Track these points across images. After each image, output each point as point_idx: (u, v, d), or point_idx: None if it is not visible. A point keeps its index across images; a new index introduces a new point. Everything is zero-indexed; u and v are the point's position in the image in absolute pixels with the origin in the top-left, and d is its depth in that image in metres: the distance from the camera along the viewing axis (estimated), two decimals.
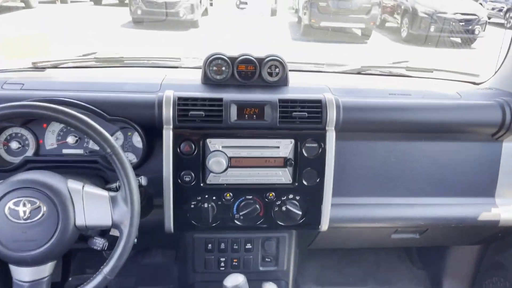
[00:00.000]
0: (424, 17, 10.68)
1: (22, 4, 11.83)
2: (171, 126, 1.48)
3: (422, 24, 10.74)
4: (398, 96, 1.70)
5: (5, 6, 11.19)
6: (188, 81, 1.70)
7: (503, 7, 14.34)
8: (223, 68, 1.67)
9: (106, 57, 1.89)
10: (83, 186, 1.19)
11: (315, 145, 1.54)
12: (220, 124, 1.50)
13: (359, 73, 2.02)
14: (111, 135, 1.49)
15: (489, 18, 11.28)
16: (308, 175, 1.56)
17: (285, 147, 1.54)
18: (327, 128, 1.54)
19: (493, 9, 14.08)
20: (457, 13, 10.63)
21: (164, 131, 1.48)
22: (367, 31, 11.00)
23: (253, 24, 11.26)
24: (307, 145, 1.54)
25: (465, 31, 10.74)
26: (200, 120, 1.49)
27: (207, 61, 1.68)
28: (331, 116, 1.53)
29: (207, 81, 1.68)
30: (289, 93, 1.65)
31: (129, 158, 1.55)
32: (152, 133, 1.53)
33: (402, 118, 1.60)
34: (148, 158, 1.56)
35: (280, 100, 1.53)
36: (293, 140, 1.54)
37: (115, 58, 1.92)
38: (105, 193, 1.21)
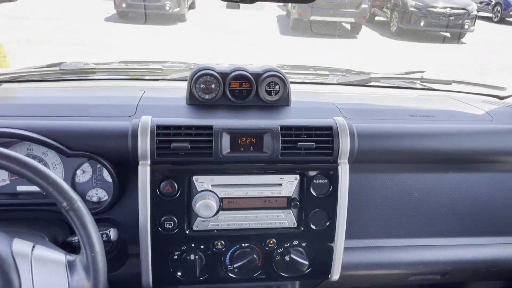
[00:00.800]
0: (414, 12, 10.67)
1: None
2: (148, 162, 1.25)
3: (412, 19, 10.73)
4: (420, 119, 1.48)
5: None
6: (171, 101, 1.47)
7: (491, 1, 14.41)
8: (213, 86, 1.43)
9: (74, 68, 1.63)
10: (33, 248, 0.94)
11: (325, 181, 1.32)
12: (210, 158, 1.27)
13: (367, 84, 1.80)
14: (76, 168, 1.28)
15: (477, 12, 11.27)
16: (316, 218, 1.34)
17: (288, 185, 1.32)
18: (339, 160, 1.32)
19: (480, 2, 14.12)
20: (447, 7, 10.63)
21: (139, 168, 1.24)
22: (357, 25, 10.96)
23: (240, 19, 11.05)
24: (315, 181, 1.32)
25: (455, 26, 10.73)
26: (184, 153, 1.26)
27: (193, 78, 1.43)
28: (344, 146, 1.31)
29: (194, 101, 1.44)
30: (292, 116, 1.42)
31: (99, 196, 1.33)
32: (126, 168, 1.30)
33: (427, 146, 1.39)
34: (122, 196, 1.33)
35: (283, 128, 1.30)
36: (298, 176, 1.32)
37: (85, 69, 1.66)
38: (61, 256, 0.96)
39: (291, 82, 1.48)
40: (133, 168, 1.23)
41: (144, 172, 1.23)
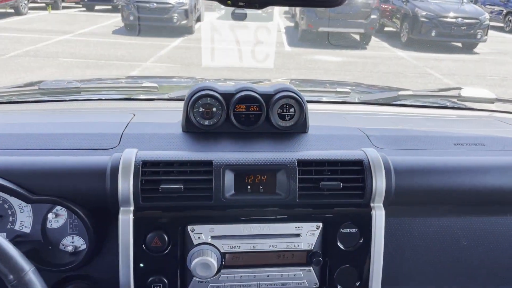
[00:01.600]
0: (425, 22, 10.53)
1: (12, 11, 11.58)
2: (132, 208, 1.03)
3: (423, 29, 10.62)
4: (468, 148, 1.26)
5: None
6: (164, 127, 1.26)
7: (502, 10, 14.20)
8: (214, 110, 1.22)
9: (55, 87, 1.43)
10: None
11: (355, 230, 1.09)
12: (209, 202, 1.05)
13: (395, 103, 1.58)
14: (48, 211, 1.08)
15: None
16: (344, 276, 1.11)
17: (308, 235, 1.09)
18: (372, 204, 1.10)
19: (491, 12, 13.93)
20: (458, 17, 10.48)
21: (120, 216, 1.02)
22: (366, 36, 10.84)
23: (248, 32, 10.98)
24: (342, 231, 1.09)
25: (467, 36, 10.55)
26: (177, 196, 1.04)
27: (190, 100, 1.22)
28: (379, 185, 1.08)
29: (191, 128, 1.23)
30: (311, 147, 1.22)
31: (75, 244, 1.11)
32: (105, 215, 1.08)
33: (481, 184, 1.16)
34: (102, 247, 1.11)
35: (301, 163, 1.09)
36: (320, 224, 1.10)
37: (68, 89, 1.46)
38: None
39: (308, 102, 1.27)
40: (114, 214, 1.02)
41: (125, 222, 1.01)
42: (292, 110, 1.25)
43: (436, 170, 1.14)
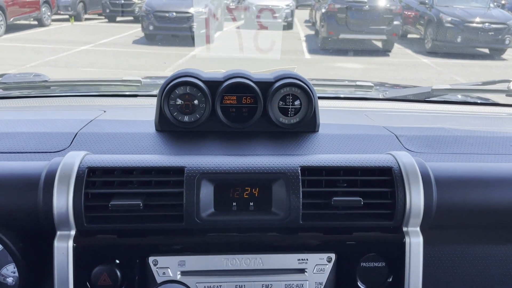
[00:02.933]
0: (450, 27, 10.22)
1: (35, 22, 11.76)
2: (72, 232, 0.80)
3: (448, 35, 10.30)
4: None
5: (18, 24, 11.11)
6: (137, 125, 1.04)
7: None
8: (196, 102, 0.98)
9: (19, 81, 1.25)
10: None
11: (381, 264, 0.84)
12: (179, 225, 0.82)
13: (428, 100, 1.34)
14: None
15: None
16: None
17: (317, 272, 0.84)
18: (405, 228, 0.84)
19: None
20: (485, 22, 10.12)
21: (55, 243, 0.80)
22: (388, 43, 10.61)
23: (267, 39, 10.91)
24: (364, 265, 0.83)
25: (494, 41, 10.15)
26: (135, 216, 0.82)
27: (164, 89, 0.99)
28: (415, 202, 0.82)
29: (166, 126, 1.00)
30: (321, 150, 0.97)
31: (17, 276, 0.87)
32: (41, 241, 0.85)
33: None
34: (38, 284, 0.88)
35: (306, 170, 0.84)
36: (333, 256, 0.84)
37: (34, 83, 1.26)
38: None
39: (320, 98, 1.04)
40: (51, 239, 0.80)
41: (63, 250, 0.78)
42: (297, 102, 1.00)
43: (491, 181, 0.87)
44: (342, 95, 1.45)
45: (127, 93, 1.38)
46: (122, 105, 1.30)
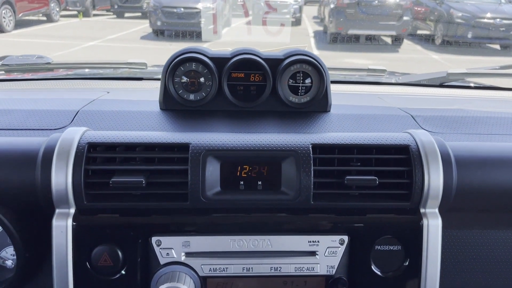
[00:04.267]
0: (461, 23, 10.11)
1: (44, 18, 11.84)
2: (71, 210, 0.77)
3: (458, 31, 10.20)
4: None
5: (26, 20, 11.19)
6: (141, 105, 1.01)
7: None
8: (202, 80, 0.95)
9: (21, 63, 1.21)
10: None
11: (397, 248, 0.80)
12: (183, 204, 0.78)
13: (443, 84, 1.29)
14: None
15: None
16: None
17: (329, 254, 0.80)
18: (423, 209, 0.80)
19: None
20: (496, 17, 10.00)
21: (54, 222, 0.77)
22: (398, 38, 10.51)
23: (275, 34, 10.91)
24: (378, 248, 0.80)
25: (506, 37, 10.03)
26: (139, 194, 0.79)
27: (169, 65, 0.96)
28: (434, 182, 0.78)
29: (171, 104, 0.97)
30: (333, 129, 0.93)
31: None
32: (40, 220, 0.82)
33: None
34: (37, 266, 0.85)
35: (317, 148, 0.80)
36: (346, 238, 0.81)
37: (37, 65, 1.23)
38: None
39: (331, 82, 1.00)
40: (49, 219, 0.77)
41: (61, 229, 0.75)
42: (308, 80, 0.96)
43: None
44: (354, 80, 1.40)
45: (132, 76, 1.35)
46: (127, 88, 1.27)
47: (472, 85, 1.38)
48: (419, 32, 11.80)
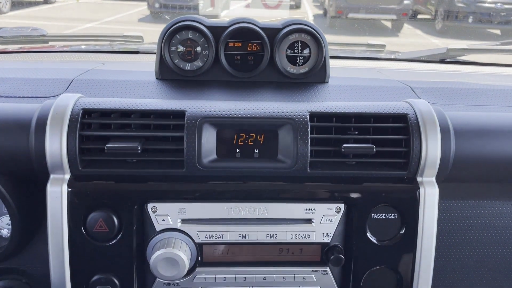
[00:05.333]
0: (462, 7, 10.04)
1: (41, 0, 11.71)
2: (66, 176, 0.77)
3: (459, 15, 10.09)
4: None
5: (23, 1, 11.07)
6: (136, 75, 1.01)
7: None
8: (198, 49, 0.94)
9: (16, 35, 1.20)
10: None
11: (393, 216, 0.80)
12: (179, 171, 0.78)
13: (444, 60, 1.29)
14: None
15: None
16: (376, 282, 0.82)
17: (325, 222, 0.80)
18: (420, 178, 0.80)
19: None
20: (498, 2, 9.90)
21: (48, 187, 0.77)
22: (398, 23, 10.46)
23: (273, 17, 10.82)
24: (374, 216, 0.80)
25: (507, 22, 9.97)
26: (135, 161, 0.79)
27: (165, 34, 0.96)
28: (432, 151, 0.79)
29: (167, 74, 0.97)
30: (330, 99, 0.93)
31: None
32: (35, 187, 0.82)
33: None
34: (32, 233, 0.85)
35: (315, 116, 0.80)
36: (342, 206, 0.81)
37: (31, 37, 1.22)
38: None
39: (330, 58, 1.00)
40: (45, 187, 0.77)
41: (56, 195, 0.74)
42: (306, 51, 0.95)
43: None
44: (352, 55, 1.39)
45: (128, 49, 1.34)
46: (122, 60, 1.26)
47: (472, 61, 1.37)
48: (419, 16, 11.73)
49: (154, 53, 1.27)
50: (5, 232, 0.86)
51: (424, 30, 10.56)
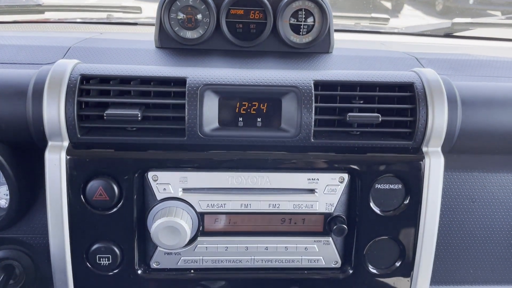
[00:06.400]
0: None
1: None
2: (65, 143, 0.75)
3: None
4: None
5: None
6: (134, 44, 0.98)
7: None
8: (199, 17, 0.92)
9: (10, 4, 1.17)
10: None
11: (398, 186, 0.79)
12: (181, 139, 0.77)
13: (450, 34, 1.27)
14: None
15: None
16: (378, 253, 0.81)
17: (328, 192, 0.79)
18: (425, 148, 0.79)
19: None
20: None
21: (47, 155, 0.75)
22: (398, 3, 10.34)
23: None
24: (378, 187, 0.79)
25: (508, 4, 9.89)
26: (135, 129, 0.77)
27: (164, 2, 0.93)
28: (438, 120, 0.77)
29: (166, 42, 0.94)
30: (335, 68, 0.91)
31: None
32: (34, 154, 0.81)
33: None
34: (31, 202, 0.84)
35: (320, 85, 0.78)
36: (346, 176, 0.80)
37: (27, 7, 1.19)
38: None
39: (335, 31, 0.99)
40: (43, 154, 0.76)
41: (55, 162, 0.73)
42: (310, 19, 0.94)
43: None
44: (356, 29, 1.37)
45: (126, 20, 1.31)
46: (119, 31, 1.24)
47: (477, 35, 1.36)
48: None
49: (153, 24, 1.25)
50: (3, 202, 0.85)
51: (424, 11, 10.48)
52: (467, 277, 0.93)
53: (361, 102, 0.80)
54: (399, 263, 0.81)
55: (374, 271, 0.82)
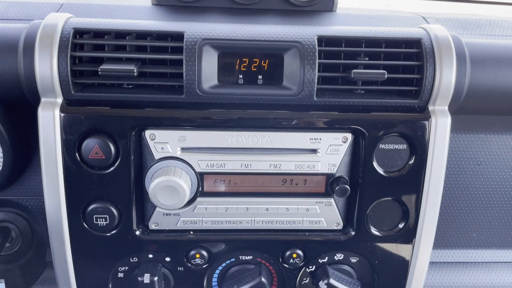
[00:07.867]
0: None
1: None
2: (59, 100, 0.72)
3: None
4: None
5: None
6: (132, 0, 0.95)
7: None
8: None
9: None
10: None
11: (403, 146, 0.76)
12: (179, 97, 0.74)
13: None
14: None
15: None
16: (381, 215, 0.79)
17: (331, 152, 0.77)
18: (432, 107, 0.76)
19: None
20: None
21: (39, 112, 0.72)
22: None
23: None
24: (382, 147, 0.76)
25: None
26: (131, 86, 0.75)
27: None
28: (446, 78, 0.74)
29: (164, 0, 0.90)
30: (339, 25, 0.87)
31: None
32: (27, 112, 0.78)
33: None
34: (26, 162, 0.82)
35: (324, 40, 0.75)
36: (349, 136, 0.77)
37: None
38: None
39: None
40: (36, 112, 0.73)
41: (48, 119, 0.70)
42: None
43: None
44: None
45: None
46: None
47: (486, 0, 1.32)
48: None
49: None
50: None
51: None
52: (470, 241, 0.92)
53: (367, 58, 0.77)
54: (402, 225, 0.81)
55: (377, 233, 0.81)
